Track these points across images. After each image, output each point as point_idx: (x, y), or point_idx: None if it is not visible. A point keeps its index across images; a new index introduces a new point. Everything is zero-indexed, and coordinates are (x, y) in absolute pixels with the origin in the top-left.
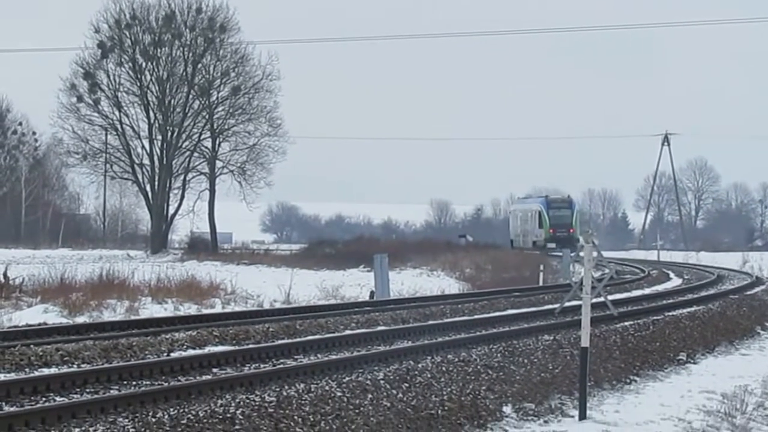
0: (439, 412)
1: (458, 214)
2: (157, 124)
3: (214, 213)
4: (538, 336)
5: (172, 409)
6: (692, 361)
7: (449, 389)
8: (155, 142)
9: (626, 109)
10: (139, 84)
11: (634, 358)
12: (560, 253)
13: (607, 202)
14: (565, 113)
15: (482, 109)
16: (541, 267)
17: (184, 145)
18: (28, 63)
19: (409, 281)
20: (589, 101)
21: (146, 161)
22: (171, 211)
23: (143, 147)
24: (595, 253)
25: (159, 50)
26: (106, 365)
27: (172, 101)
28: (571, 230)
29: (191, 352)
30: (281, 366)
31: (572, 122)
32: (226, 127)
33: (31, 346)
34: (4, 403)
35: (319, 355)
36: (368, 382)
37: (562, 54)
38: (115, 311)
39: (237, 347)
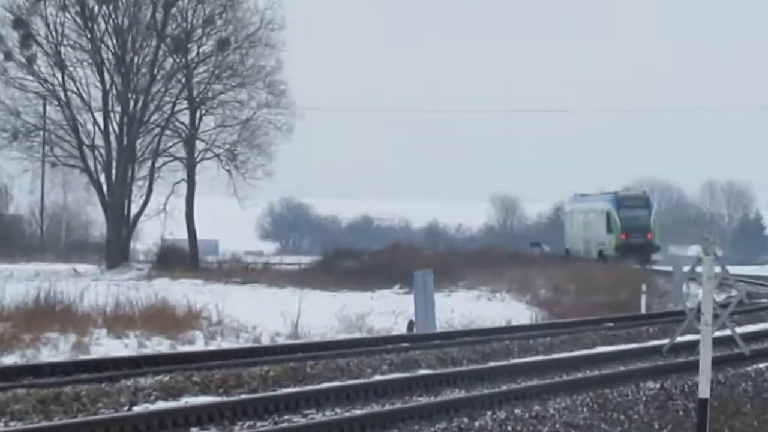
0: None
1: (530, 214)
2: (114, 91)
3: (194, 213)
4: (639, 383)
5: None
6: None
7: None
8: (112, 115)
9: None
10: (89, 36)
11: None
12: (669, 268)
13: (733, 199)
14: (677, 80)
15: (561, 75)
16: (643, 288)
17: (152, 120)
18: None
19: (462, 307)
20: (706, 65)
21: (100, 142)
22: (134, 210)
23: (95, 122)
24: (717, 269)
25: None
26: (44, 423)
27: (136, 59)
28: (649, 235)
29: (162, 404)
30: (286, 425)
31: (686, 92)
32: (209, 94)
33: None
34: None
35: (337, 410)
36: None
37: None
38: (57, 348)
39: (224, 398)
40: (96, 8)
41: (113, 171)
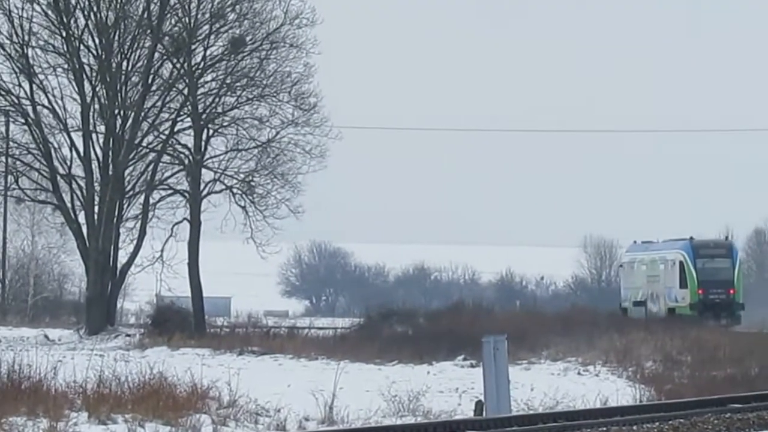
0: None
1: None
2: (97, 105)
3: (199, 263)
4: None
5: None
6: None
7: None
8: (94, 136)
9: None
10: (65, 33)
11: None
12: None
13: None
14: None
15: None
16: None
17: (145, 142)
18: None
19: (545, 383)
20: None
21: (78, 171)
22: (122, 259)
23: (72, 146)
24: None
25: None
26: None
27: (125, 65)
28: (732, 291)
29: None
30: None
31: None
32: (219, 110)
33: None
34: None
35: None
36: None
37: None
38: None
39: None
40: None
41: (95, 209)
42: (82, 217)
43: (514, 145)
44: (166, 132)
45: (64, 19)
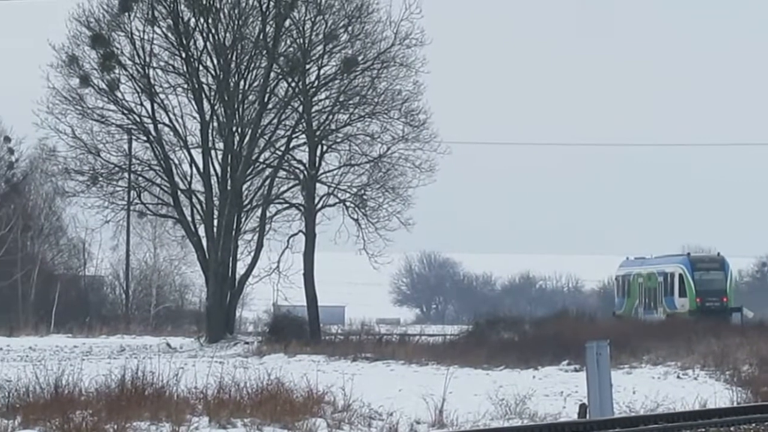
0: None
1: None
2: (215, 123)
3: (314, 273)
4: None
5: None
6: None
7: None
8: (213, 153)
9: None
10: (185, 55)
11: None
12: None
13: None
14: None
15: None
16: None
17: (262, 158)
18: None
19: (646, 387)
20: None
21: (198, 186)
22: (240, 270)
23: (193, 162)
24: None
25: None
26: None
27: (242, 84)
28: (725, 299)
29: None
30: None
31: None
32: (332, 126)
33: None
34: None
35: None
36: None
37: None
38: None
39: None
40: (192, 21)
41: (215, 222)
42: (201, 230)
43: (618, 158)
44: (282, 148)
45: (184, 41)
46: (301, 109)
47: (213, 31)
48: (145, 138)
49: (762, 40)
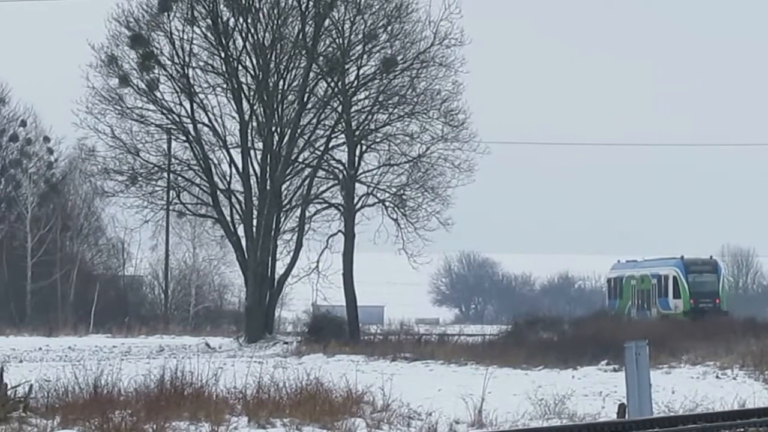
0: None
1: None
2: (254, 123)
3: (353, 273)
4: None
5: None
6: None
7: None
8: (252, 153)
9: None
10: (224, 55)
11: None
12: None
13: None
14: None
15: None
16: None
17: (301, 158)
18: (36, 23)
19: (685, 387)
20: None
21: (237, 186)
22: (279, 270)
23: (231, 162)
24: None
25: None
26: None
27: (281, 84)
28: (717, 300)
29: None
30: None
31: None
32: (372, 126)
33: None
34: None
35: None
36: None
37: None
38: None
39: None
40: (231, 21)
41: (254, 222)
42: (241, 230)
43: (658, 158)
44: (321, 148)
45: (223, 41)
46: (340, 108)
47: (252, 30)
48: (184, 138)
49: None
